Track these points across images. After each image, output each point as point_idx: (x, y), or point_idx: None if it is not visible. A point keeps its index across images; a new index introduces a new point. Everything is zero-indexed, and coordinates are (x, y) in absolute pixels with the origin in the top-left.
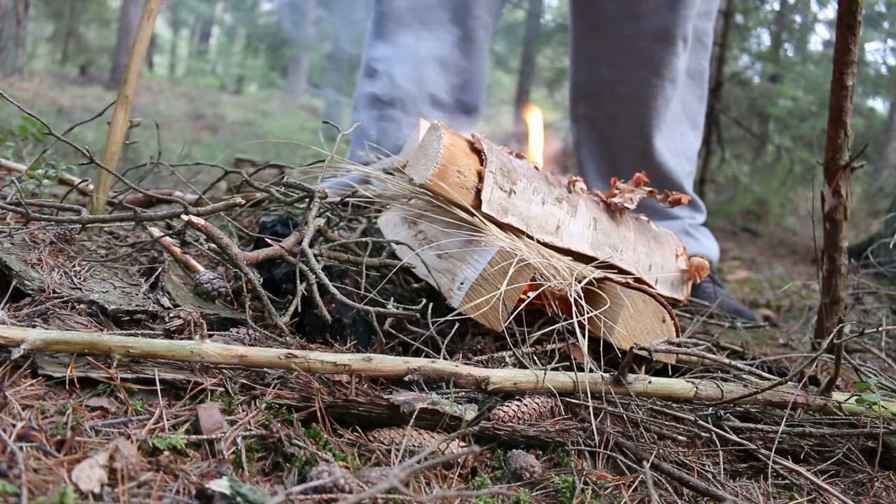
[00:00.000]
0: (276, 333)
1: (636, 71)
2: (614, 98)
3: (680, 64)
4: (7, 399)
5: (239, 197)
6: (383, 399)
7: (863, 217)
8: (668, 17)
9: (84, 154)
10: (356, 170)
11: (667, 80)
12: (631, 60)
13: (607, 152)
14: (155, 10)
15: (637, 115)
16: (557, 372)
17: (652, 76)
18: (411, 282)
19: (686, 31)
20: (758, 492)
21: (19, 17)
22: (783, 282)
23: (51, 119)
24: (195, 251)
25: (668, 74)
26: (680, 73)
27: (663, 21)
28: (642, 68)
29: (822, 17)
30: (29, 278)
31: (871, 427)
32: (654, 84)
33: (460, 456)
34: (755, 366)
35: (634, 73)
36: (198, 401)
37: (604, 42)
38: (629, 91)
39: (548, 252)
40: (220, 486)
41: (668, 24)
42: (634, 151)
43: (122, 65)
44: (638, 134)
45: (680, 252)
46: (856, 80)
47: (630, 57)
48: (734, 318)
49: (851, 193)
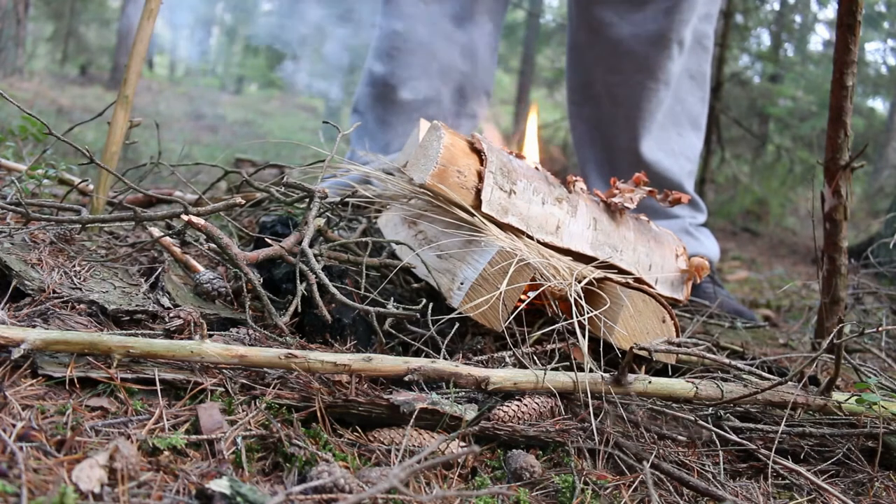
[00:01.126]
0: (276, 333)
1: (632, 74)
2: (611, 101)
3: (675, 67)
4: (7, 399)
5: (239, 197)
6: (383, 399)
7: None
8: (665, 23)
9: (84, 154)
10: (356, 170)
11: (661, 82)
12: (628, 64)
13: (606, 153)
14: (155, 10)
15: (631, 117)
16: (557, 372)
17: (647, 79)
18: (411, 282)
19: (682, 35)
20: (758, 492)
21: (19, 17)
22: (783, 282)
23: (51, 119)
24: (195, 251)
25: (663, 77)
26: (674, 75)
27: (659, 26)
28: (638, 72)
29: (822, 17)
30: (29, 278)
31: (871, 427)
32: (649, 87)
33: (460, 456)
34: (755, 366)
35: (630, 77)
36: (198, 401)
37: (601, 46)
38: (626, 94)
39: (548, 252)
40: (220, 486)
41: (665, 28)
42: (630, 153)
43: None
44: (632, 136)
45: (680, 252)
46: (856, 80)
47: (626, 61)
48: (734, 318)
49: (851, 193)
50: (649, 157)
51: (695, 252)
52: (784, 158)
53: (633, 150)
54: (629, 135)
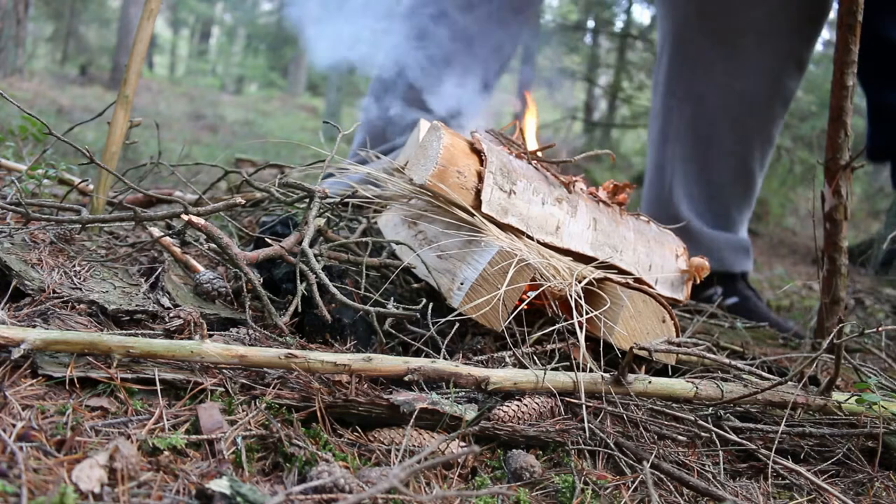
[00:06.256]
0: (276, 333)
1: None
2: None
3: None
4: (7, 399)
5: (239, 197)
6: (383, 399)
7: (863, 217)
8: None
9: (84, 154)
10: (356, 170)
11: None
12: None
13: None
14: (155, 10)
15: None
16: (557, 372)
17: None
18: (411, 282)
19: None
20: (758, 492)
21: (19, 17)
22: (783, 282)
23: (51, 119)
24: (195, 251)
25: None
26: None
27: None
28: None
29: None
30: (29, 278)
31: (871, 427)
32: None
33: (460, 456)
34: (755, 366)
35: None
36: (198, 401)
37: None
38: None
39: (548, 252)
40: (220, 486)
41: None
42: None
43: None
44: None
45: (680, 252)
46: (856, 80)
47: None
48: (734, 318)
49: (851, 193)
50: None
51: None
52: (784, 158)
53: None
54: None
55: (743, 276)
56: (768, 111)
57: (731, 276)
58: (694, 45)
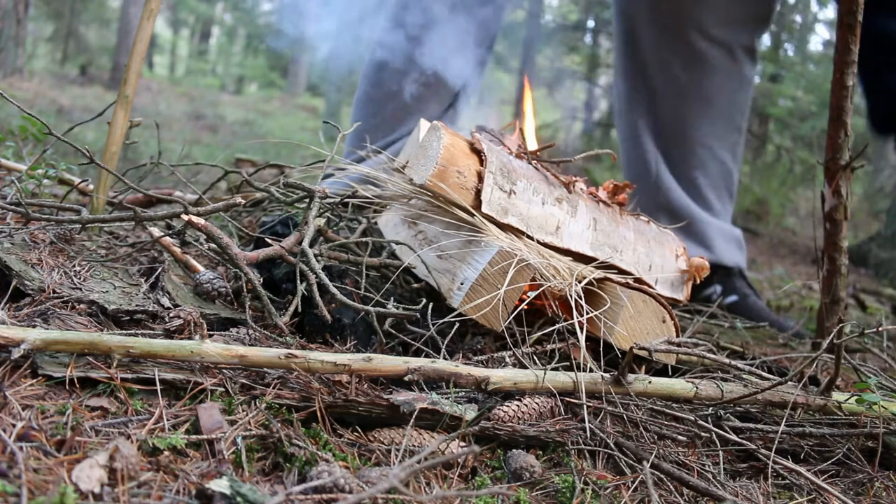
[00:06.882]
0: (276, 333)
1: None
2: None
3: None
4: (7, 399)
5: (239, 197)
6: (383, 399)
7: (863, 217)
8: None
9: (84, 154)
10: (356, 170)
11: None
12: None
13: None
14: (155, 10)
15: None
16: (557, 372)
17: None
18: (411, 282)
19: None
20: (758, 492)
21: (19, 17)
22: (783, 282)
23: (51, 119)
24: (195, 251)
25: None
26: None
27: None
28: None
29: (822, 17)
30: (29, 278)
31: (871, 427)
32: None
33: (460, 456)
34: (755, 366)
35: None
36: (198, 401)
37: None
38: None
39: (548, 252)
40: (220, 486)
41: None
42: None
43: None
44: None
45: (680, 252)
46: (856, 80)
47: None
48: (734, 318)
49: (851, 193)
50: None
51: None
52: (784, 158)
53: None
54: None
55: (741, 274)
56: (730, 102)
57: (726, 270)
58: (648, 41)
